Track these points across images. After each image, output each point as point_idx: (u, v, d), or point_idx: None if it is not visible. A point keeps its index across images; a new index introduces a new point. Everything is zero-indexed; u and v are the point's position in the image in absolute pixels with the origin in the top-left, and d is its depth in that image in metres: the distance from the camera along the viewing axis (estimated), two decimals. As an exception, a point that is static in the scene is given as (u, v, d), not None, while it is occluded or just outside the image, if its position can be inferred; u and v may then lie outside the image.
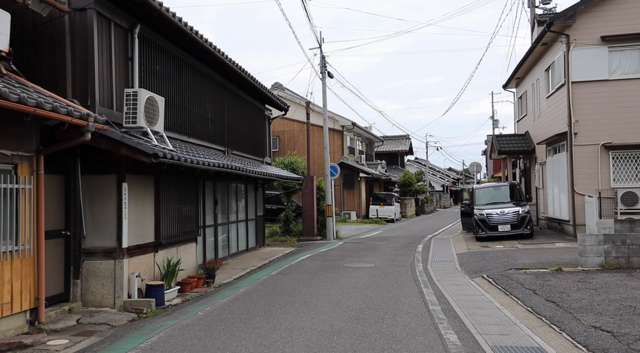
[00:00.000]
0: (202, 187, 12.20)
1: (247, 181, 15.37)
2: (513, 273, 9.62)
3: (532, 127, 20.31)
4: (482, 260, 11.93)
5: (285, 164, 20.89)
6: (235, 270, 11.97)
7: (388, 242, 17.84)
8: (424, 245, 16.54)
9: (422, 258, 13.39)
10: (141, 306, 7.31)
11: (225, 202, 13.84)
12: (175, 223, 9.37)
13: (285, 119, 32.39)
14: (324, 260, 13.20)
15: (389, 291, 8.68)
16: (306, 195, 19.64)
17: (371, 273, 10.80)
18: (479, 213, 16.18)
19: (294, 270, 11.63)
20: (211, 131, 12.52)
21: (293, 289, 9.06)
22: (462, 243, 16.19)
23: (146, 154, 7.12)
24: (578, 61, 15.08)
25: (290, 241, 18.67)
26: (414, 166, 58.33)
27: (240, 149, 14.79)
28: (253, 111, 16.20)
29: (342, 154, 32.20)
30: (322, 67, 19.66)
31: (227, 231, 13.97)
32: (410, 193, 40.14)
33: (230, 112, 13.96)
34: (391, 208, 31.27)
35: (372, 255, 14.17)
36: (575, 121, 15.08)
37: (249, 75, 13.51)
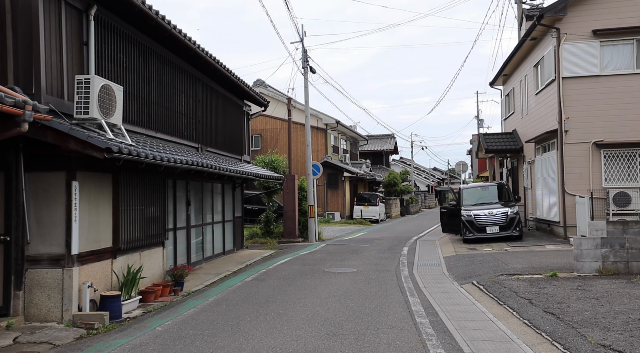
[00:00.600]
0: (173, 187, 11.36)
1: (223, 181, 14.54)
2: (505, 279, 8.95)
3: (520, 125, 19.77)
4: (471, 264, 11.26)
5: (265, 162, 20.08)
6: (208, 276, 11.15)
7: (372, 244, 17.13)
8: (410, 247, 15.86)
9: (407, 261, 12.69)
10: (92, 320, 6.47)
11: (199, 202, 12.99)
12: (138, 226, 8.52)
13: (266, 116, 31.60)
14: (303, 264, 12.43)
15: (372, 300, 7.94)
16: (287, 195, 18.86)
17: (353, 279, 10.05)
18: (466, 214, 15.54)
19: (270, 275, 10.84)
20: (183, 126, 11.68)
21: (267, 298, 8.27)
22: (449, 246, 15.54)
23: (98, 149, 6.28)
24: (569, 55, 14.52)
25: (271, 243, 17.88)
26: (399, 165, 57.86)
27: (216, 146, 13.95)
28: (230, 107, 15.37)
29: (325, 153, 31.46)
30: (304, 62, 18.88)
31: (202, 233, 13.13)
32: (395, 193, 39.55)
33: (205, 106, 13.12)
34: (376, 208, 30.60)
35: (355, 258, 13.44)
36: (565, 118, 14.51)
37: (225, 67, 12.68)
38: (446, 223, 16.86)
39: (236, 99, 15.83)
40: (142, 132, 9.54)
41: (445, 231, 17.32)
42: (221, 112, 14.48)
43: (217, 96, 14.09)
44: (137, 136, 9.14)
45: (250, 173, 13.87)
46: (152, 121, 10.01)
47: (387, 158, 49.70)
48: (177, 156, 8.70)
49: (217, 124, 14.07)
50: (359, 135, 38.79)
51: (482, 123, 51.28)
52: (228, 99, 15.10)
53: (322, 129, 31.82)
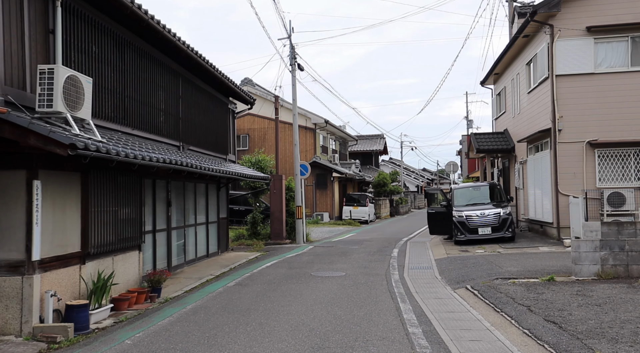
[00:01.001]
0: (152, 187, 10.80)
1: (207, 181, 13.99)
2: (500, 284, 8.51)
3: (512, 124, 19.43)
4: (464, 267, 10.82)
5: (252, 162, 19.52)
6: (189, 280, 10.60)
7: (361, 246, 16.67)
8: (400, 249, 15.41)
9: (397, 264, 12.24)
10: (55, 333, 5.91)
11: (181, 203, 12.44)
12: (110, 229, 7.96)
13: (254, 115, 31.05)
14: (290, 268, 11.92)
15: (360, 307, 7.45)
16: (274, 196, 18.34)
17: (341, 283, 9.56)
18: (457, 215, 15.12)
19: (255, 280, 10.32)
20: (163, 123, 11.12)
21: (249, 305, 7.75)
22: (440, 248, 15.12)
23: (61, 145, 5.72)
24: (562, 52, 14.16)
25: (257, 245, 17.34)
26: (389, 166, 57.54)
27: (199, 144, 13.40)
28: (215, 104, 14.82)
29: (314, 153, 30.97)
30: (291, 59, 18.37)
31: (184, 235, 12.57)
32: (385, 194, 39.17)
33: (187, 103, 12.56)
34: (365, 208, 30.17)
35: (343, 261, 12.96)
36: (559, 117, 14.15)
37: (208, 62, 12.13)
38: (435, 224, 16.31)
39: (221, 97, 15.29)
40: (118, 128, 8.98)
41: (433, 233, 16.76)
42: (205, 109, 13.93)
43: (200, 92, 13.54)
44: (111, 132, 8.58)
45: (235, 172, 13.34)
46: (129, 117, 9.45)
47: (377, 158, 49.35)
48: (154, 154, 8.16)
49: (200, 122, 13.52)
50: (348, 135, 38.36)
51: (471, 124, 51.16)
52: (212, 96, 14.55)
53: (310, 128, 31.32)
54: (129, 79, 9.45)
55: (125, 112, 9.29)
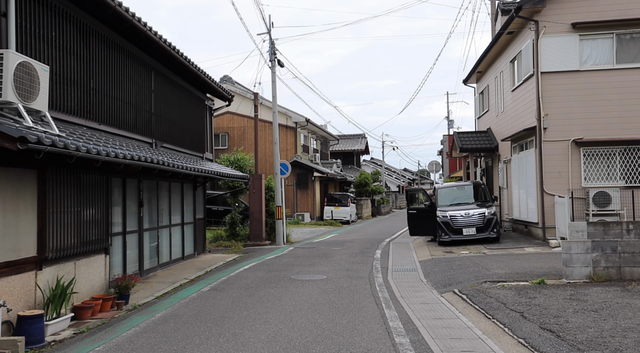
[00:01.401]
0: (122, 186, 10.18)
1: (183, 180, 13.38)
2: (489, 288, 8.11)
3: (495, 123, 19.19)
4: (450, 270, 10.43)
5: (231, 161, 18.93)
6: (161, 285, 9.99)
7: (343, 247, 16.21)
8: (383, 251, 14.99)
9: (381, 266, 11.80)
10: (2, 348, 5.30)
11: (154, 203, 11.82)
12: (72, 231, 7.34)
13: (234, 114, 30.41)
14: (269, 271, 11.40)
15: (343, 314, 6.96)
16: (254, 195, 17.77)
17: (323, 288, 9.07)
18: (442, 215, 14.76)
19: (231, 284, 9.76)
20: (134, 118, 10.49)
21: (223, 313, 7.21)
22: (423, 249, 14.73)
23: (9, 138, 5.12)
24: (548, 49, 13.89)
25: (236, 247, 16.75)
26: (370, 166, 57.31)
27: (174, 142, 12.78)
28: (190, 100, 14.20)
29: (295, 153, 30.45)
30: (271, 54, 17.83)
31: (157, 237, 11.94)
32: (367, 194, 38.84)
33: (161, 98, 11.94)
34: (347, 209, 29.74)
35: (324, 263, 12.47)
36: (544, 115, 13.88)
37: (182, 55, 11.53)
38: (416, 225, 15.84)
39: (197, 92, 14.68)
40: (83, 123, 8.35)
41: (414, 234, 16.29)
42: (180, 105, 13.31)
43: (175, 87, 12.92)
44: (74, 127, 7.96)
45: (212, 171, 12.75)
46: (96, 112, 8.82)
47: (358, 158, 49.03)
48: (121, 150, 7.55)
49: (175, 118, 12.90)
50: (330, 134, 37.92)
51: (452, 124, 51.23)
52: (188, 92, 13.94)
53: (291, 127, 30.79)
54: (95, 71, 8.82)
55: (91, 106, 8.66)
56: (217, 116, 30.84)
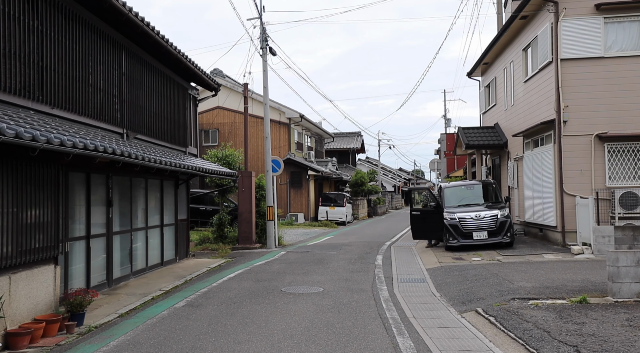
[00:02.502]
0: (85, 182, 8.74)
1: (163, 176, 11.92)
2: (521, 307, 6.72)
3: (504, 118, 17.84)
4: (465, 281, 9.04)
5: (219, 157, 17.45)
6: (130, 298, 8.54)
7: (340, 251, 14.79)
8: (384, 256, 13.58)
9: (384, 275, 10.39)
10: None
11: (127, 203, 10.37)
12: (6, 238, 5.87)
13: (224, 109, 28.93)
14: (257, 280, 9.96)
15: (346, 344, 5.54)
16: (243, 194, 16.32)
17: (319, 304, 7.64)
18: (449, 218, 13.37)
19: (211, 297, 8.33)
20: (100, 104, 9.02)
21: (195, 342, 5.77)
22: (429, 254, 13.34)
23: None
24: (568, 34, 12.54)
25: (223, 251, 15.30)
26: (365, 165, 55.94)
27: (151, 134, 11.32)
28: (171, 87, 12.73)
29: (289, 150, 29.00)
30: (262, 41, 16.38)
31: (130, 241, 10.49)
32: (363, 194, 37.45)
33: (133, 82, 10.47)
34: (342, 209, 28.33)
35: (320, 271, 11.05)
36: (564, 107, 12.53)
37: (159, 33, 10.06)
38: (420, 228, 14.37)
39: (180, 80, 13.20)
40: (28, 105, 6.90)
41: (417, 238, 14.85)
42: (158, 92, 11.84)
43: (151, 71, 11.45)
44: (15, 108, 6.50)
45: (194, 167, 11.30)
46: (48, 93, 7.36)
47: (354, 157, 47.64)
48: (71, 137, 6.10)
49: (151, 107, 11.43)
50: (325, 131, 36.49)
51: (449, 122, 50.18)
52: (168, 78, 12.47)
53: (285, 123, 29.34)
54: (48, 45, 7.36)
55: (42, 86, 7.20)
56: (206, 112, 29.38)
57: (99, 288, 9.10)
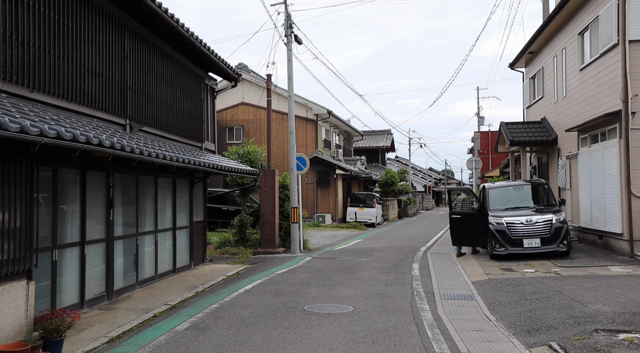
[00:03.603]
0: (80, 180, 7.60)
1: (176, 174, 10.76)
2: (610, 343, 5.21)
3: (553, 111, 16.11)
4: (523, 301, 7.54)
5: (240, 154, 16.25)
6: (129, 315, 7.35)
7: (371, 258, 13.38)
8: (420, 264, 12.12)
9: (424, 290, 8.95)
10: None
11: (132, 204, 9.23)
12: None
13: (249, 105, 27.84)
14: (276, 294, 8.66)
15: (385, 397, 4.16)
16: (265, 194, 15.08)
17: (348, 330, 6.27)
18: (495, 222, 11.81)
19: (221, 317, 7.05)
20: (94, 90, 7.86)
21: (190, 386, 4.48)
22: (472, 263, 11.83)
23: None
24: (638, 11, 10.84)
25: (243, 255, 14.10)
26: (395, 164, 54.24)
27: (159, 126, 10.15)
28: (185, 76, 11.55)
29: (315, 148, 27.71)
30: (287, 29, 15.09)
31: (136, 247, 9.34)
32: (393, 194, 35.90)
33: (139, 68, 9.30)
34: (372, 210, 26.86)
35: (349, 282, 9.68)
36: (633, 96, 10.83)
37: (167, 11, 8.86)
38: (460, 233, 12.67)
39: (194, 68, 12.01)
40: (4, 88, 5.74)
41: (458, 244, 13.18)
42: (169, 80, 10.66)
43: (161, 56, 10.28)
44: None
45: (208, 164, 10.05)
46: (26, 73, 6.20)
47: (383, 156, 46.05)
48: (41, 124, 4.89)
49: (161, 96, 10.26)
50: (354, 129, 35.04)
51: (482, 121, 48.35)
52: (181, 65, 11.28)
53: (311, 120, 28.06)
54: (31, 21, 6.20)
55: (23, 67, 6.05)
56: (230, 108, 28.30)
57: (96, 302, 7.95)
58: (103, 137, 5.90)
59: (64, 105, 6.94)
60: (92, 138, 5.59)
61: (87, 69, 7.56)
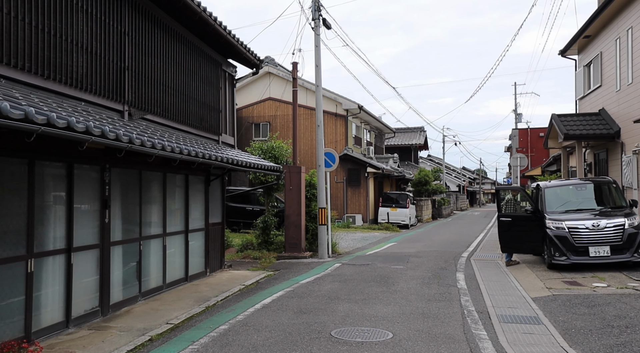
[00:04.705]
0: (67, 176, 6.41)
1: (188, 170, 9.53)
2: None
3: (615, 101, 14.25)
4: (606, 327, 5.96)
5: (263, 149, 14.96)
6: (121, 338, 6.10)
7: (408, 265, 11.90)
8: (466, 274, 10.56)
9: (476, 309, 7.43)
10: None
11: (135, 203, 8.03)
12: None
13: (277, 101, 26.59)
14: (299, 311, 7.29)
15: None
16: (290, 193, 13.76)
17: (388, 369, 4.85)
18: (555, 227, 10.16)
19: (229, 344, 5.72)
20: (84, 69, 6.65)
21: None
22: (526, 274, 10.21)
23: None
24: None
25: (266, 260, 12.82)
26: (427, 163, 52.32)
27: (167, 115, 8.91)
28: (199, 60, 10.30)
29: (346, 145, 26.28)
30: (314, 11, 13.71)
31: (139, 253, 8.13)
32: (427, 193, 34.18)
33: (142, 47, 8.07)
34: (405, 210, 25.27)
35: (385, 296, 8.23)
36: None
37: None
38: (511, 239, 11.04)
39: (211, 52, 10.75)
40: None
41: (507, 251, 11.54)
42: (179, 64, 9.42)
43: (169, 36, 9.03)
44: None
45: (221, 158, 8.74)
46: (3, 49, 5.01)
47: (416, 154, 44.22)
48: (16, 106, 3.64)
49: (168, 82, 9.01)
50: (386, 125, 33.42)
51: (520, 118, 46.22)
52: (194, 48, 10.03)
53: (341, 115, 26.63)
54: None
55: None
56: (256, 103, 27.10)
57: (86, 320, 6.75)
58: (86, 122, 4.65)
59: (39, 83, 5.73)
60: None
61: (71, 43, 6.34)
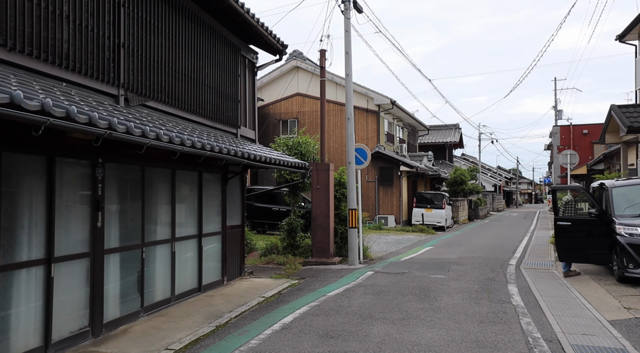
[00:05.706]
0: (47, 172, 5.35)
1: (202, 167, 8.42)
2: None
3: (686, 88, 12.52)
4: None
5: (288, 146, 13.80)
6: (108, 368, 4.98)
7: (449, 274, 10.53)
8: (519, 287, 9.11)
9: (542, 336, 6.03)
10: None
11: (136, 204, 6.95)
12: None
13: (305, 96, 25.48)
14: (324, 335, 6.05)
15: None
16: (318, 193, 12.54)
17: None
18: (627, 233, 8.64)
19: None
20: (64, 41, 5.56)
21: None
22: (593, 287, 8.71)
23: None
24: None
25: (291, 266, 11.66)
26: (461, 162, 50.37)
27: (174, 102, 7.79)
28: (214, 43, 9.16)
29: (377, 142, 24.93)
30: (344, -7, 12.45)
31: (141, 261, 7.05)
32: (463, 194, 32.45)
33: (142, 22, 6.97)
34: (441, 211, 23.75)
35: (427, 316, 6.91)
36: None
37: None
38: (571, 246, 9.61)
39: (228, 34, 9.61)
40: None
41: (566, 260, 10.02)
42: (189, 46, 8.29)
43: (177, 12, 7.91)
44: None
45: (236, 152, 7.56)
46: None
47: (450, 152, 42.44)
48: None
49: (177, 65, 7.89)
50: (419, 122, 31.86)
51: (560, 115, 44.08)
52: (209, 29, 8.90)
53: (373, 111, 25.29)
54: None
55: None
56: (284, 99, 26.00)
57: (72, 342, 5.67)
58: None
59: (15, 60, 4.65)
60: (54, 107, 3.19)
61: (45, 9, 5.26)
